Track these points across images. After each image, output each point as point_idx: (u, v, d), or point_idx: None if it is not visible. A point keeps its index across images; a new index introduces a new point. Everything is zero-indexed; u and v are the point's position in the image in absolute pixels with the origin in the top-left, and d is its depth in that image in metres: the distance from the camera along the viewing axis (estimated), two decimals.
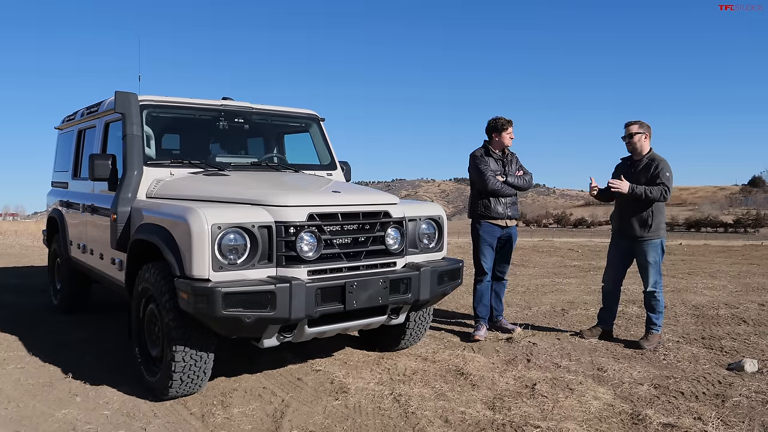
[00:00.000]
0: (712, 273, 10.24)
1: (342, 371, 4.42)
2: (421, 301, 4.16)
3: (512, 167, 5.55)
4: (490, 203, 5.42)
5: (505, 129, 5.47)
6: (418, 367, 4.53)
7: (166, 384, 3.72)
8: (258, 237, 3.56)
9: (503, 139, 5.49)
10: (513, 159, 5.60)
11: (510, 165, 5.54)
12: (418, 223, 4.39)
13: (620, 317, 6.34)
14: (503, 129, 5.47)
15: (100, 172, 4.45)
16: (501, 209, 5.44)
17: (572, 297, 7.72)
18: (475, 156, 5.51)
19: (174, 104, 4.80)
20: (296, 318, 3.55)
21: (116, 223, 4.25)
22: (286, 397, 3.92)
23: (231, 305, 3.35)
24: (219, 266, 3.45)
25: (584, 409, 3.69)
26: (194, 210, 3.51)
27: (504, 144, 5.51)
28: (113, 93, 4.39)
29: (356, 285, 3.76)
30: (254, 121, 5.19)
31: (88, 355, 4.90)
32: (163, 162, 4.57)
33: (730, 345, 5.18)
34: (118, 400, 3.87)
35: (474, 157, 5.51)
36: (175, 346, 3.62)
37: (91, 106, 5.69)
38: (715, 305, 7.02)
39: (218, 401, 3.85)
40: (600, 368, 4.52)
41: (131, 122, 4.33)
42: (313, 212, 3.73)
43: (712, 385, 4.14)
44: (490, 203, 5.42)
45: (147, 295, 3.98)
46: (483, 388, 4.07)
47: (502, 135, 5.48)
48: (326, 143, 5.51)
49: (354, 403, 3.80)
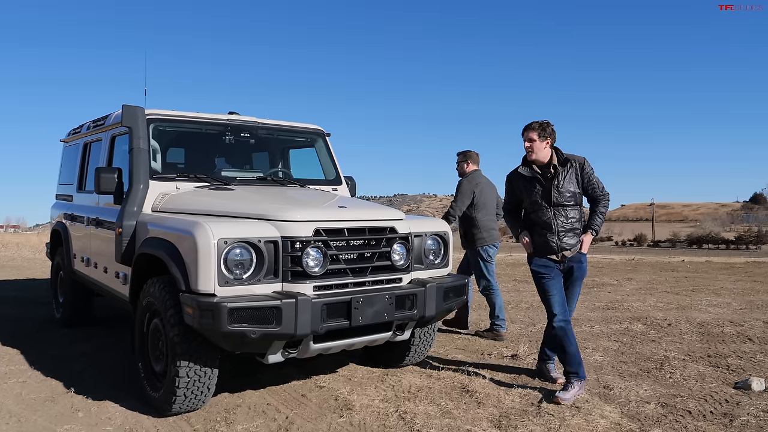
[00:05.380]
0: (716, 290, 10.19)
1: (346, 388, 4.39)
2: (427, 317, 4.13)
3: (556, 185, 4.28)
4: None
5: (523, 137, 4.38)
6: (423, 384, 4.50)
7: (169, 399, 3.69)
8: (264, 252, 3.55)
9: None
10: (559, 173, 4.28)
11: (552, 181, 4.28)
12: (423, 238, 4.38)
13: (625, 334, 6.31)
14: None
15: (105, 186, 4.45)
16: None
17: (576, 314, 7.66)
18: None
19: (180, 118, 4.82)
20: (302, 334, 3.53)
21: (121, 236, 4.25)
22: (290, 414, 3.88)
23: (237, 320, 3.33)
24: (225, 281, 3.44)
25: (591, 427, 3.66)
26: (200, 224, 3.50)
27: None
28: (117, 106, 4.43)
29: (362, 301, 3.75)
30: (260, 136, 5.21)
31: (90, 370, 4.87)
32: (168, 176, 4.58)
33: (736, 363, 5.14)
34: (120, 416, 3.84)
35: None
36: (179, 362, 3.60)
37: (97, 120, 5.70)
38: (721, 323, 6.97)
39: (222, 417, 3.82)
40: (606, 386, 4.48)
41: (138, 136, 4.34)
42: (320, 227, 3.72)
43: (720, 404, 4.10)
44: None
45: (151, 310, 3.96)
46: (489, 406, 4.03)
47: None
48: (332, 158, 5.52)
49: (359, 421, 3.77)
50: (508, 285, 10.98)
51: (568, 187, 4.28)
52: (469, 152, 6.25)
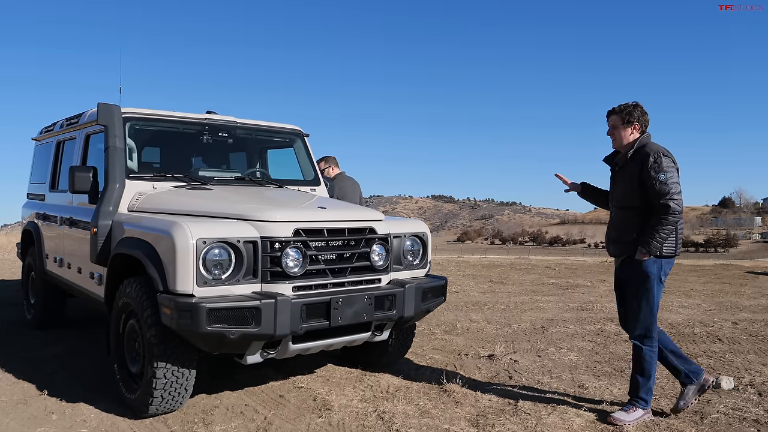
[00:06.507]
0: (686, 292, 10.41)
1: (324, 388, 4.39)
2: (406, 317, 4.15)
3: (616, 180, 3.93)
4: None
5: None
6: (401, 384, 4.52)
7: (146, 401, 3.65)
8: (243, 252, 3.54)
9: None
10: (624, 163, 3.84)
11: (616, 176, 3.93)
12: (402, 239, 4.40)
13: (599, 335, 6.41)
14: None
15: (80, 185, 4.38)
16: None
17: (551, 314, 7.78)
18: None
19: (157, 117, 4.77)
20: (281, 334, 3.52)
21: (96, 236, 4.19)
22: (268, 415, 3.87)
23: (215, 321, 3.31)
24: (203, 281, 3.42)
25: (567, 426, 3.71)
26: (179, 224, 3.48)
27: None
28: (90, 107, 4.35)
29: (341, 301, 3.75)
30: (238, 136, 5.18)
31: (62, 372, 4.79)
32: (145, 175, 4.53)
33: (706, 363, 5.25)
34: (95, 418, 3.79)
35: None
36: (156, 363, 3.56)
37: (71, 118, 5.62)
38: (691, 323, 7.12)
39: (199, 419, 3.79)
40: (581, 385, 4.55)
41: (114, 134, 4.29)
42: (299, 228, 3.72)
43: (691, 402, 4.18)
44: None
45: (128, 311, 3.91)
46: (466, 405, 4.06)
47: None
48: (310, 159, 5.51)
49: (338, 421, 3.77)
50: (484, 286, 11.07)
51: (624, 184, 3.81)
52: (329, 158, 6.44)
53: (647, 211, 3.69)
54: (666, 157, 3.64)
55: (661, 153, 3.65)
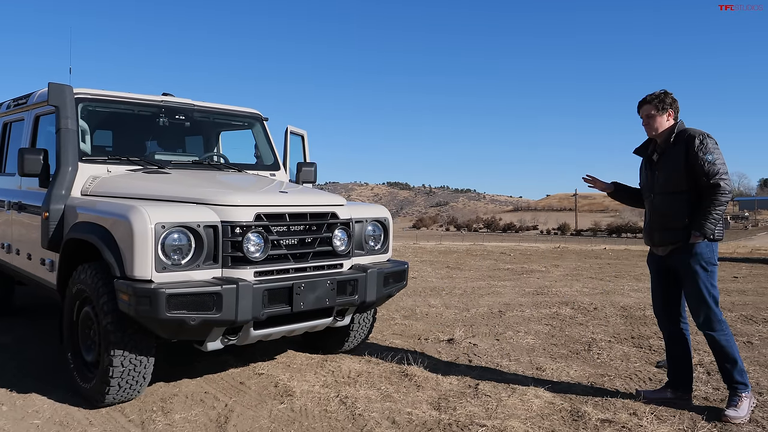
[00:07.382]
0: (636, 276, 10.74)
1: (286, 374, 4.36)
2: (368, 302, 4.15)
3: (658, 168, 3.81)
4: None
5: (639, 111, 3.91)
6: (363, 369, 4.53)
7: (102, 390, 3.56)
8: (203, 237, 3.47)
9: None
10: (666, 149, 3.78)
11: (657, 163, 3.82)
12: (364, 224, 4.39)
13: (554, 318, 6.54)
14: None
15: (30, 168, 4.20)
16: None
17: (508, 299, 7.91)
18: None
19: (111, 98, 4.62)
20: (243, 320, 3.47)
21: (48, 221, 4.04)
22: (229, 402, 3.82)
23: (175, 307, 3.24)
24: (162, 267, 3.34)
25: (526, 407, 3.79)
26: (136, 208, 3.38)
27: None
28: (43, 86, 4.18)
29: (304, 286, 3.72)
30: (195, 119, 5.06)
31: (11, 362, 4.62)
32: (99, 158, 4.39)
33: (657, 344, 5.43)
34: (48, 409, 3.67)
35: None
36: (113, 351, 3.47)
37: (18, 98, 5.38)
38: (642, 306, 7.35)
39: (158, 407, 3.71)
40: (539, 368, 4.65)
41: (66, 116, 4.13)
42: (261, 212, 3.67)
43: (644, 382, 4.33)
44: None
45: (82, 297, 3.79)
46: (428, 389, 4.10)
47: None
48: (269, 143, 5.43)
49: (300, 407, 3.75)
50: (442, 272, 11.18)
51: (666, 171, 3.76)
52: None
53: (695, 195, 3.65)
54: (710, 138, 3.64)
55: (706, 135, 3.65)
